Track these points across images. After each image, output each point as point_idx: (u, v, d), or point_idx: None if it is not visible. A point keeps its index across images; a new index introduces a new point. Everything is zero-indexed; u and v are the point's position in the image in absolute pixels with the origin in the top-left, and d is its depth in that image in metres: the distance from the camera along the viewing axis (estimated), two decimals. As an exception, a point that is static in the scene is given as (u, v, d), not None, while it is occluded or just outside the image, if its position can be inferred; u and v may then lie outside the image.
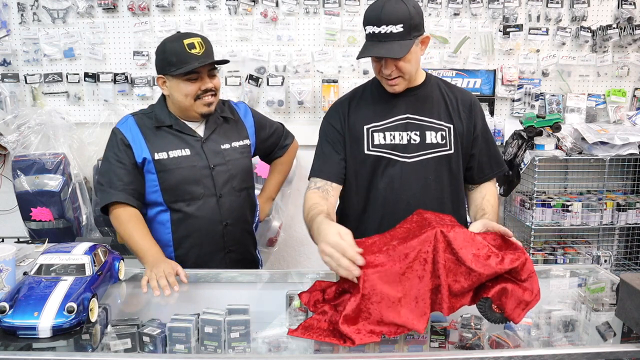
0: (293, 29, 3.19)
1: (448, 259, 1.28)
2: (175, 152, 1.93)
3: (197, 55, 1.84)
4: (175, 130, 1.95)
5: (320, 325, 1.33)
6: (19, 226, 3.08)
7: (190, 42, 1.84)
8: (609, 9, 3.27)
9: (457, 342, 1.34)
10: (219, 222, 1.98)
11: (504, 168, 1.91)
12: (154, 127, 1.95)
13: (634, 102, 3.36)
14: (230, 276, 1.70)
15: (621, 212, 3.15)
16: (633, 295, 1.27)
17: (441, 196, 1.79)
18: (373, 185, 1.79)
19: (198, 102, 1.90)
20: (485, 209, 1.78)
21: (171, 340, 1.28)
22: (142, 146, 1.92)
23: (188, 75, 1.86)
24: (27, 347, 1.20)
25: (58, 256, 1.39)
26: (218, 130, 2.02)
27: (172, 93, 1.91)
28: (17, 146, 3.05)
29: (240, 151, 2.05)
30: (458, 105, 1.81)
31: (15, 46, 3.19)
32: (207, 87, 1.89)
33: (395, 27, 1.59)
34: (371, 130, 1.78)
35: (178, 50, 1.84)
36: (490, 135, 1.90)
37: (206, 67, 1.88)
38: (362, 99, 1.85)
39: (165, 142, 1.93)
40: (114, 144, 1.94)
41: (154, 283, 1.62)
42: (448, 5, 3.19)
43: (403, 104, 1.78)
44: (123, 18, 3.18)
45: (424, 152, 1.77)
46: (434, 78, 1.86)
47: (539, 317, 1.45)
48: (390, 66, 1.66)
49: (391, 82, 1.71)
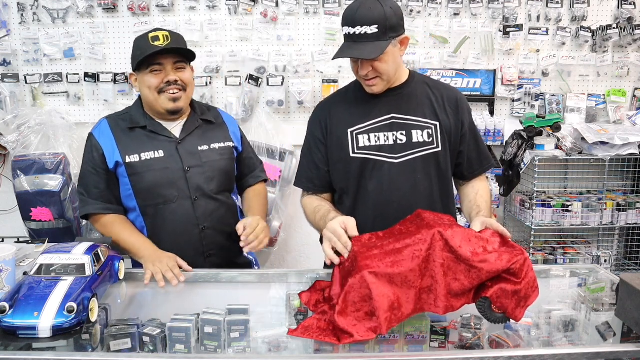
0: (293, 29, 3.19)
1: (447, 258, 1.29)
2: (148, 154, 1.88)
3: (158, 47, 1.81)
4: (149, 131, 1.91)
5: (320, 325, 1.33)
6: (19, 226, 3.08)
7: (155, 35, 1.82)
8: (609, 9, 3.27)
9: (457, 342, 1.34)
10: (196, 226, 1.91)
11: (492, 163, 1.92)
12: (128, 129, 1.91)
13: (634, 102, 3.36)
14: (230, 276, 1.70)
15: (621, 212, 3.15)
16: (633, 295, 1.27)
17: (430, 194, 1.78)
18: (362, 187, 1.78)
19: (162, 96, 1.86)
20: (480, 205, 1.78)
21: (171, 340, 1.28)
22: (114, 150, 1.88)
23: (151, 67, 1.83)
24: (27, 347, 1.20)
25: (58, 256, 1.39)
26: (196, 131, 1.96)
27: (141, 89, 1.89)
28: (17, 146, 3.05)
29: (220, 152, 1.98)
30: (444, 102, 1.79)
31: (15, 46, 3.19)
32: (169, 79, 1.84)
33: (369, 28, 1.59)
34: (355, 133, 1.76)
35: (142, 44, 1.83)
36: (478, 131, 1.91)
37: (170, 60, 1.84)
38: (344, 101, 1.83)
39: (138, 144, 1.89)
40: (88, 150, 1.92)
41: (160, 276, 1.62)
42: (448, 5, 3.19)
43: (386, 104, 1.76)
44: (123, 18, 3.18)
45: (411, 151, 1.75)
46: (418, 76, 1.84)
47: (539, 317, 1.45)
48: (366, 67, 1.66)
49: (369, 83, 1.71)
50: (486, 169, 1.90)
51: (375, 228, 1.54)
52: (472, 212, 1.76)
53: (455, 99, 1.81)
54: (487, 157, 1.90)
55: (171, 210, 1.89)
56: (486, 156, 1.90)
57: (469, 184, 1.89)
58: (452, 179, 1.88)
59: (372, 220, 1.75)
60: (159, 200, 1.89)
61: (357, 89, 1.82)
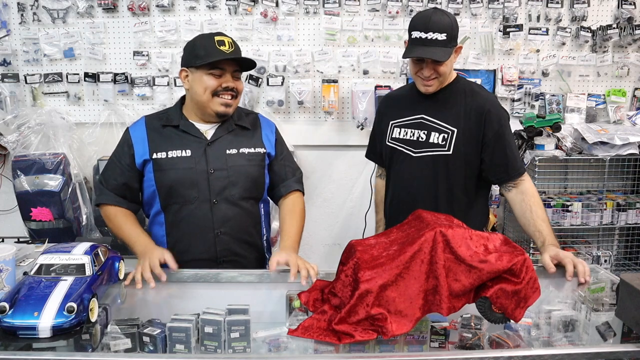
0: (293, 29, 3.19)
1: (447, 259, 1.29)
2: (175, 152, 1.88)
3: (224, 52, 1.82)
4: (180, 130, 1.91)
5: (319, 324, 1.33)
6: (19, 226, 3.08)
7: (221, 39, 1.84)
8: (609, 9, 3.28)
9: (457, 342, 1.34)
10: (211, 230, 1.88)
11: (520, 172, 1.95)
12: (161, 127, 1.92)
13: (634, 102, 3.36)
14: (230, 276, 1.70)
15: (621, 212, 3.15)
16: (633, 295, 1.27)
17: (435, 191, 1.98)
18: (392, 169, 2.11)
19: (216, 99, 1.86)
20: (542, 230, 1.82)
21: (171, 340, 1.28)
22: (144, 147, 1.89)
23: (212, 70, 1.83)
24: (27, 347, 1.20)
25: (58, 256, 1.38)
26: (228, 135, 1.93)
27: (192, 86, 1.87)
28: (17, 146, 3.05)
29: (248, 158, 1.93)
30: (471, 110, 1.94)
31: (15, 46, 3.19)
32: (228, 84, 1.85)
33: (440, 35, 1.82)
34: (393, 125, 2.07)
35: (207, 45, 1.83)
36: (507, 141, 1.96)
37: (231, 67, 1.86)
38: (399, 99, 2.14)
39: (167, 141, 1.90)
40: (121, 143, 1.95)
41: (138, 277, 1.61)
42: (448, 5, 3.19)
43: (421, 105, 2.01)
44: (123, 18, 3.18)
45: (426, 149, 1.98)
46: (461, 83, 2.02)
47: (539, 317, 1.45)
48: (430, 68, 1.88)
49: (428, 83, 1.93)
50: (513, 178, 1.94)
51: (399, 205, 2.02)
52: (535, 237, 1.84)
53: (483, 109, 1.94)
54: (513, 166, 1.94)
55: (189, 211, 1.88)
56: (513, 165, 1.94)
57: (513, 189, 1.94)
58: (465, 184, 1.98)
59: (398, 199, 2.09)
60: (179, 200, 1.88)
61: (410, 89, 2.09)
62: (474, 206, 2.03)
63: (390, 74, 3.26)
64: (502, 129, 1.94)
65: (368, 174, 3.09)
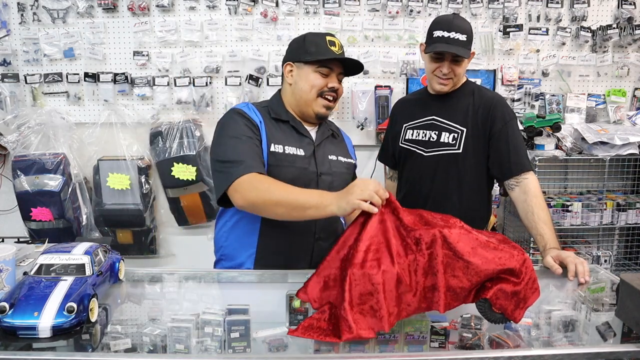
0: (293, 29, 3.19)
1: (445, 255, 1.29)
2: (291, 148, 1.79)
3: (335, 52, 1.81)
4: (291, 126, 1.84)
5: (320, 324, 1.32)
6: (19, 226, 3.09)
7: (332, 40, 1.82)
8: (609, 9, 3.28)
9: (457, 342, 1.33)
10: (311, 234, 1.81)
11: (525, 169, 1.96)
12: (272, 119, 1.84)
13: (634, 102, 3.36)
14: (230, 276, 1.70)
15: (621, 212, 3.15)
16: (633, 295, 1.27)
17: (445, 188, 2.04)
18: (405, 169, 2.18)
19: (319, 100, 1.82)
20: (544, 233, 1.82)
21: (171, 340, 1.28)
22: (263, 133, 1.79)
23: (320, 68, 1.81)
24: (27, 347, 1.20)
25: (58, 256, 1.38)
26: (327, 140, 1.92)
27: (297, 82, 1.84)
28: (17, 146, 3.06)
29: (346, 166, 1.94)
30: (479, 109, 2.02)
31: (15, 46, 3.20)
32: (334, 85, 1.82)
33: (462, 36, 1.96)
34: (406, 127, 2.16)
35: (319, 42, 1.81)
36: (513, 137, 1.99)
37: (338, 68, 1.84)
38: (412, 102, 2.22)
39: (283, 136, 1.81)
40: (236, 122, 1.76)
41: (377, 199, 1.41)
42: (448, 5, 3.19)
43: (432, 107, 2.10)
44: (123, 18, 3.18)
45: (437, 149, 2.06)
46: (470, 85, 2.12)
47: (539, 317, 1.45)
48: (448, 67, 1.99)
49: (443, 82, 2.03)
50: (515, 173, 1.96)
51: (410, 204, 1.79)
52: (538, 239, 1.85)
53: (489, 106, 2.01)
54: (518, 162, 1.96)
55: None
56: (515, 160, 1.96)
57: (515, 188, 1.95)
58: (474, 181, 2.05)
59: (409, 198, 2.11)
60: None
61: (423, 93, 2.20)
62: (482, 204, 2.09)
63: (390, 74, 3.26)
64: (507, 125, 1.99)
65: (368, 173, 3.09)
